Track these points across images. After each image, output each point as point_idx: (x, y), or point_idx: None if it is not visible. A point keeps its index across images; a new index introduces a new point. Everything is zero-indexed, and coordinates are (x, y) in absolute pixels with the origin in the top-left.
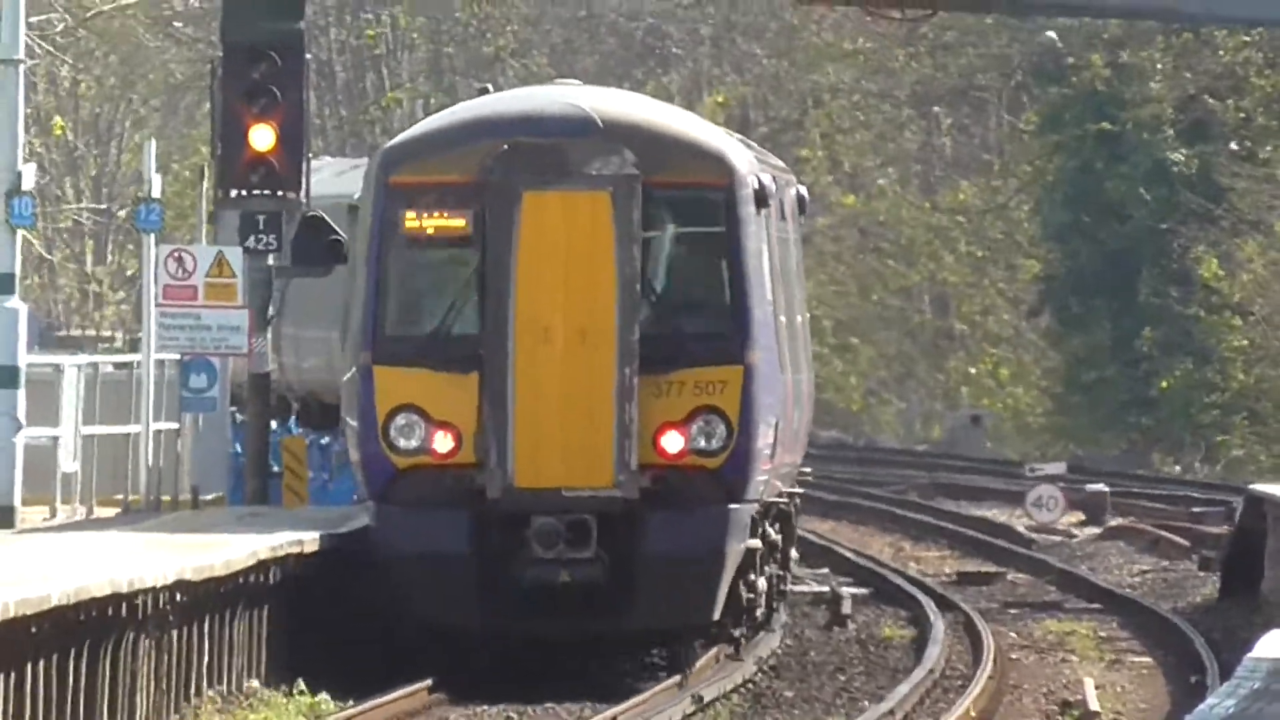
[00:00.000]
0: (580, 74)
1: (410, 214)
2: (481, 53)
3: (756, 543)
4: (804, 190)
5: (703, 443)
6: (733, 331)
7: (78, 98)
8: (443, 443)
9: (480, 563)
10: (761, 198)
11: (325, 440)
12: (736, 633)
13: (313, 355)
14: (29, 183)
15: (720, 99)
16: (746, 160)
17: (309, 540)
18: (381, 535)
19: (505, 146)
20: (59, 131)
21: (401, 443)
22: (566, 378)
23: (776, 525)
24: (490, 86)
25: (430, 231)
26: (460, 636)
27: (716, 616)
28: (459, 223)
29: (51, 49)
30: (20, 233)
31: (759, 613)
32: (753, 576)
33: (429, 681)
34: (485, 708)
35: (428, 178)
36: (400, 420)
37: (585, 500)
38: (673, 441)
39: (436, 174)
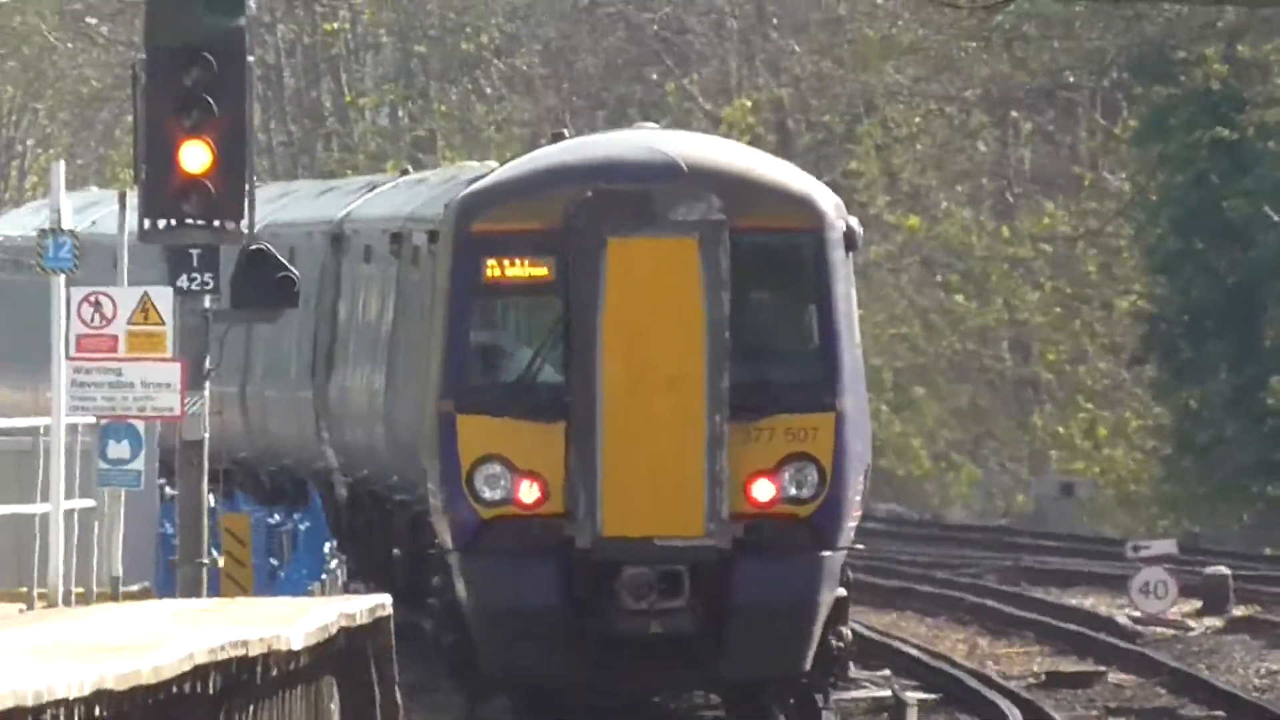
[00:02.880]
0: (582, 75)
1: (491, 261)
2: (460, 50)
3: (844, 591)
4: (855, 223)
5: (794, 490)
6: (823, 377)
7: None
8: (529, 493)
9: (569, 614)
10: (850, 241)
11: (275, 518)
12: (826, 682)
13: (278, 416)
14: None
15: (751, 104)
16: (833, 204)
17: (256, 640)
18: (466, 588)
19: (589, 193)
20: None
21: (486, 493)
22: (655, 426)
23: None
24: (567, 131)
25: (512, 279)
26: (547, 689)
27: (808, 666)
28: (542, 270)
29: None
30: None
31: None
32: (841, 626)
33: None
34: None
35: (509, 225)
36: (485, 470)
37: (677, 550)
38: (764, 490)
39: (518, 221)
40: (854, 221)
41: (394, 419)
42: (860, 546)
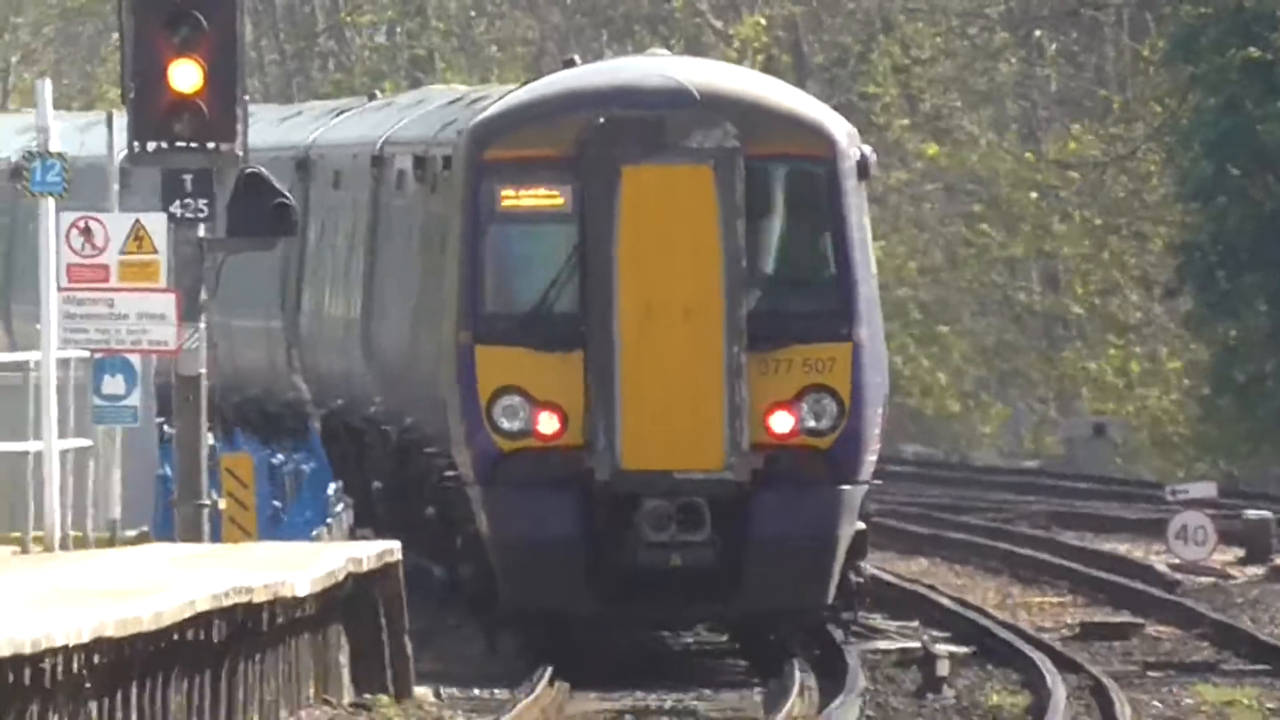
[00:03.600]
0: None
1: (506, 190)
2: None
3: (863, 525)
4: (869, 151)
5: (813, 422)
6: (840, 307)
7: None
8: (548, 424)
9: (588, 546)
10: (863, 169)
11: (278, 458)
12: (846, 616)
13: (249, 348)
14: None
15: (762, 22)
16: (846, 131)
17: (260, 586)
18: (487, 520)
19: (602, 120)
20: None
21: (505, 424)
22: (673, 357)
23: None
24: (577, 59)
25: (526, 207)
26: (567, 621)
27: (830, 600)
28: (556, 198)
29: None
30: None
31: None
32: (861, 561)
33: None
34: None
35: (522, 152)
36: (504, 402)
37: (697, 483)
38: (782, 421)
39: (531, 148)
40: (867, 149)
41: (376, 346)
42: (879, 482)
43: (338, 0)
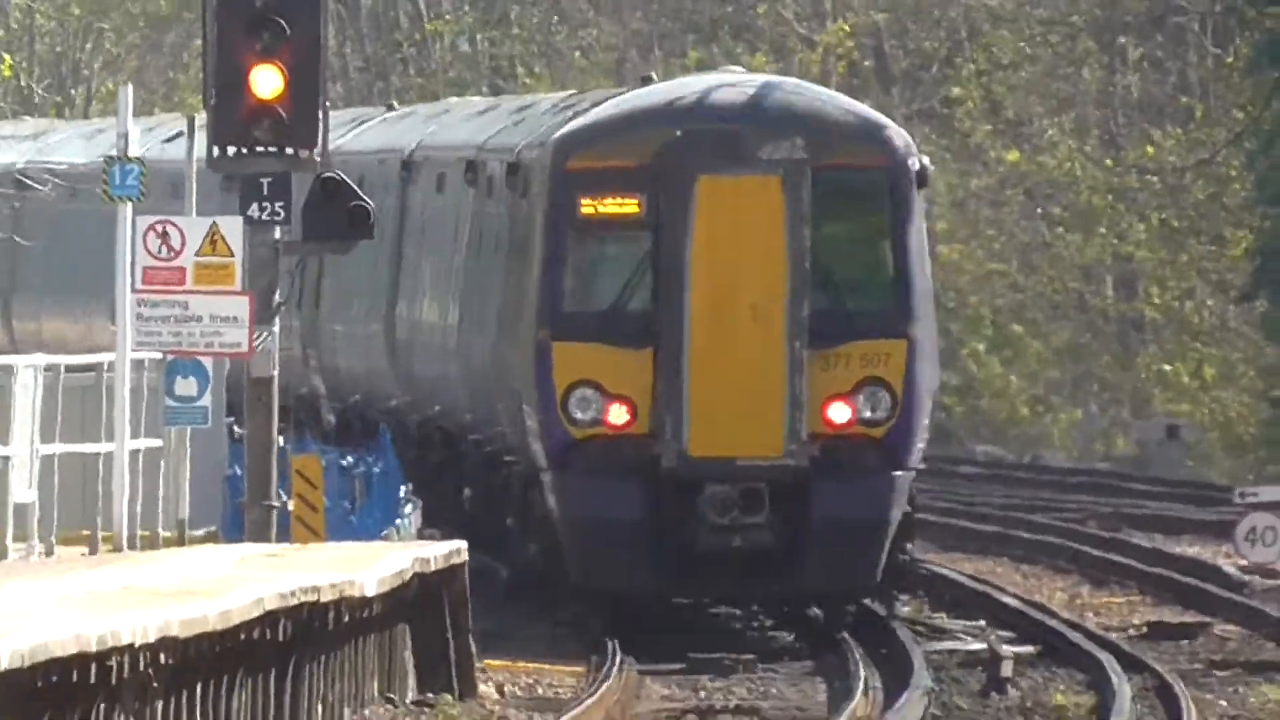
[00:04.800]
0: None
1: (585, 198)
2: None
3: (910, 509)
4: (926, 161)
5: (868, 413)
6: (896, 307)
7: (33, 31)
8: (618, 415)
9: (654, 528)
10: (922, 178)
11: (349, 459)
12: (895, 594)
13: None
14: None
15: (846, 28)
16: (905, 142)
17: (327, 586)
18: (558, 503)
19: (679, 133)
20: (8, 72)
21: (579, 415)
22: (739, 352)
23: None
24: (654, 75)
25: (605, 214)
26: (632, 600)
27: (879, 579)
28: (633, 205)
29: None
30: None
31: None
32: (907, 543)
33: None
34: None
35: (602, 163)
36: (578, 394)
37: (758, 469)
38: (839, 412)
39: (611, 159)
40: (925, 159)
41: (468, 354)
42: (923, 466)
43: (421, 7)
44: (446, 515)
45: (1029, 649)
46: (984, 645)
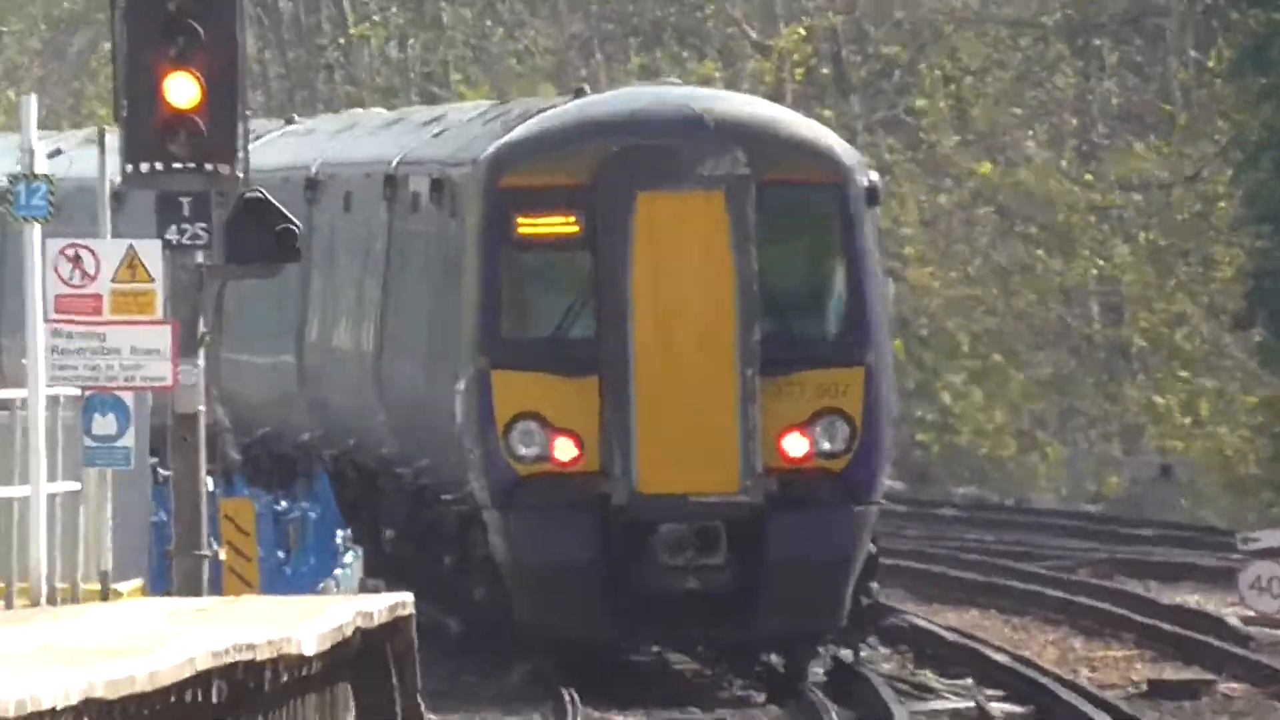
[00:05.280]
0: None
1: (522, 217)
2: None
3: (873, 548)
4: (876, 178)
5: (826, 445)
6: (852, 331)
7: None
8: (565, 450)
9: (605, 570)
10: (873, 195)
11: (282, 504)
12: (858, 638)
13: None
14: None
15: (802, 32)
16: (856, 158)
17: (263, 643)
18: (503, 544)
19: (617, 148)
20: None
21: (523, 450)
22: (687, 381)
23: None
24: (587, 87)
25: (542, 233)
26: (584, 645)
27: (844, 622)
28: (571, 225)
29: None
30: None
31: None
32: (871, 583)
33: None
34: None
35: (538, 180)
36: (520, 427)
37: (712, 507)
38: (796, 444)
39: (546, 176)
40: (875, 176)
41: (391, 383)
42: (884, 502)
43: (345, 10)
44: (366, 557)
45: (1020, 709)
46: (972, 704)
